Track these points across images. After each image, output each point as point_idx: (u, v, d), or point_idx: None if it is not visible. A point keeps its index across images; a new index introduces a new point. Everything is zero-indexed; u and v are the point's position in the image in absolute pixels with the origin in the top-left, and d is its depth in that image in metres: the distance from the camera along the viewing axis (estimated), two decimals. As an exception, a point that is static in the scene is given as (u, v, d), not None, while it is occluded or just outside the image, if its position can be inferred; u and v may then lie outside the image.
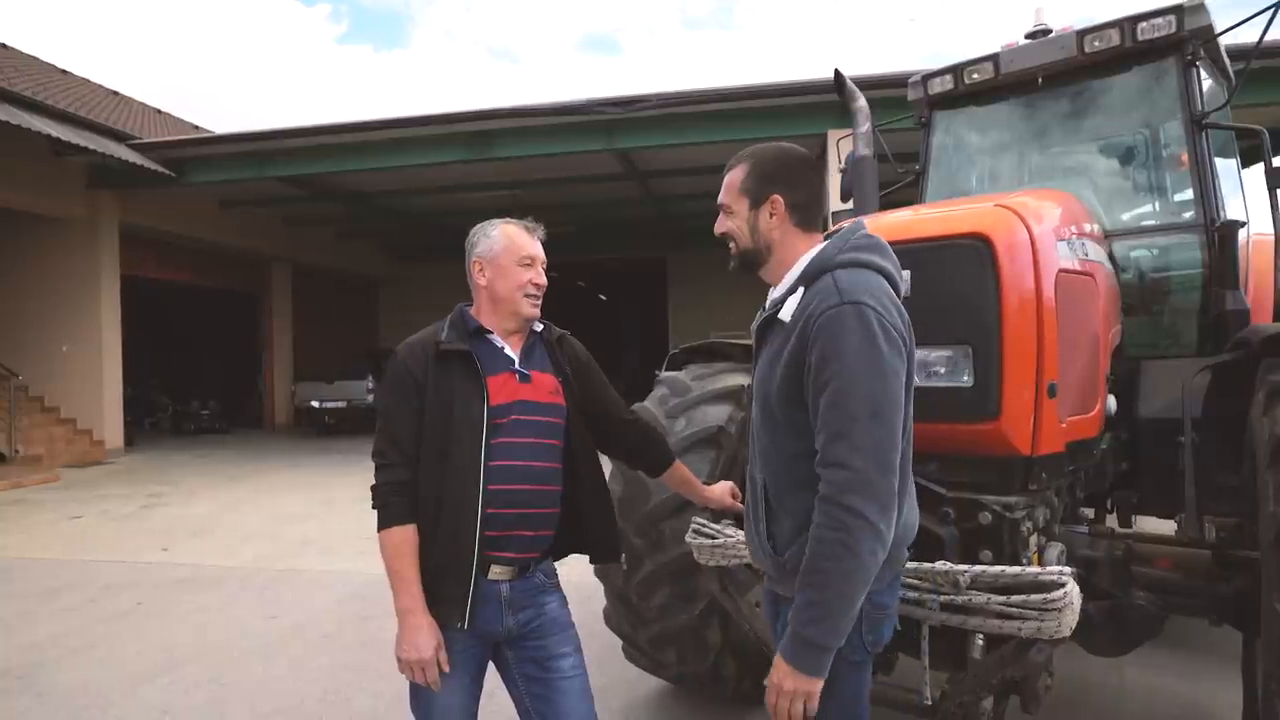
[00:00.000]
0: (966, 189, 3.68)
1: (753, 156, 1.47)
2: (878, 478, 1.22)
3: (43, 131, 9.04)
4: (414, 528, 1.59)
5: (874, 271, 1.33)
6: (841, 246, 1.36)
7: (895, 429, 1.25)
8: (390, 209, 14.90)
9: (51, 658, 3.79)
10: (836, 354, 1.24)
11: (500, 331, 1.74)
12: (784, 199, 1.41)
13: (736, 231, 1.47)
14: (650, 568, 2.65)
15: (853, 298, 1.26)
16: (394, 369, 1.67)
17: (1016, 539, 1.88)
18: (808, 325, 1.28)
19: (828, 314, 1.26)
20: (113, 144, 10.21)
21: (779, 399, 1.35)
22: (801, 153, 1.47)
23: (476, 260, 1.75)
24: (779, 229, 1.42)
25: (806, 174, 1.44)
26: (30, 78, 11.58)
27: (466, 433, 1.61)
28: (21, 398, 10.88)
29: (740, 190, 1.45)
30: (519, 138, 10.21)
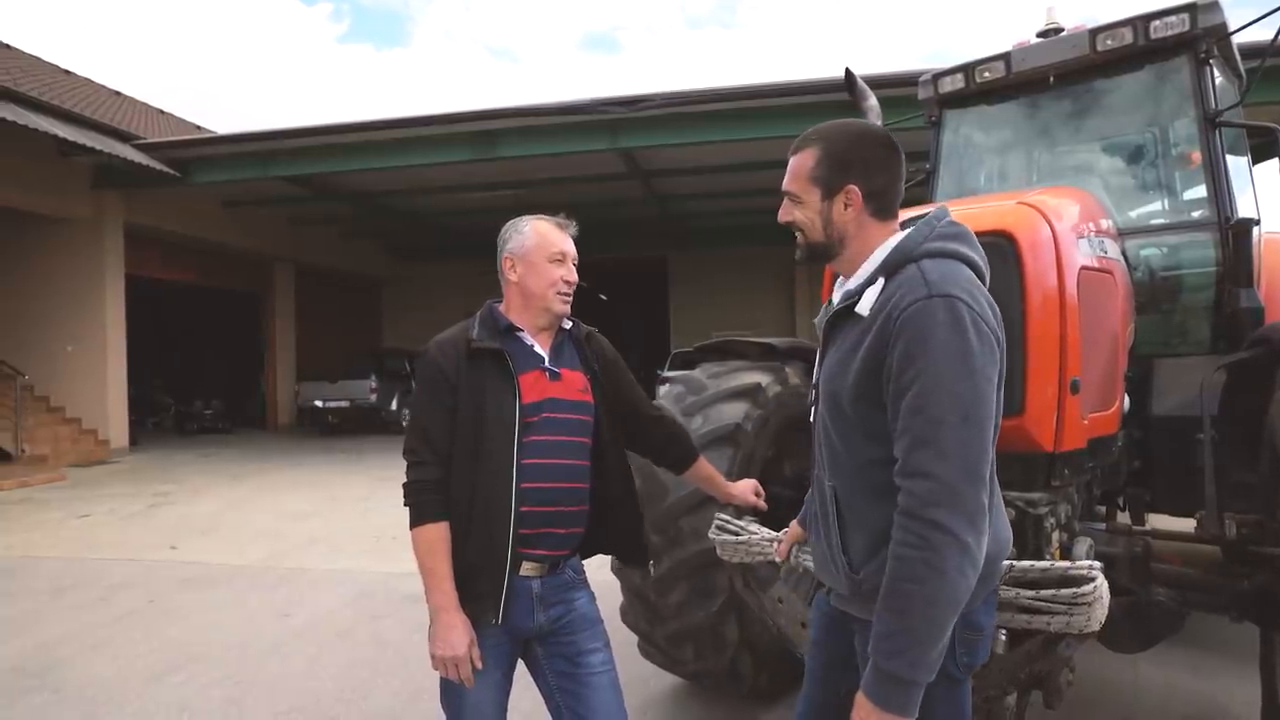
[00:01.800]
0: (976, 188, 3.70)
1: (825, 140, 1.32)
2: (966, 488, 1.11)
3: (48, 131, 9.05)
4: (446, 525, 1.60)
5: (962, 263, 1.24)
6: (927, 234, 1.26)
7: (986, 434, 1.15)
8: (394, 209, 14.92)
9: (65, 655, 3.80)
10: (923, 351, 1.13)
11: (530, 329, 1.75)
12: (861, 189, 1.28)
13: (805, 223, 1.35)
14: (668, 564, 2.66)
15: (942, 290, 1.15)
16: (426, 367, 1.68)
17: (1040, 535, 1.89)
18: (889, 320, 1.18)
19: (914, 307, 1.15)
20: (117, 144, 10.22)
21: (851, 398, 1.25)
22: (879, 133, 1.34)
23: (508, 256, 1.76)
24: (855, 221, 1.30)
25: (885, 157, 1.31)
26: (35, 78, 11.59)
27: (499, 431, 1.62)
28: (27, 397, 10.89)
29: (810, 179, 1.32)
30: (523, 137, 10.23)
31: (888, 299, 1.22)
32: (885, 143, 1.34)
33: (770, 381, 2.85)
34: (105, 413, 11.49)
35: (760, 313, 17.15)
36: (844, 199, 1.31)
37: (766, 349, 3.01)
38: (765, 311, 17.56)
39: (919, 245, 1.26)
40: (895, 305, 1.19)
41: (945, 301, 1.16)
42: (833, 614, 1.43)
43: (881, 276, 1.26)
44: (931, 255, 1.24)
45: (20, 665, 3.68)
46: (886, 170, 1.32)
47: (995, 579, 1.33)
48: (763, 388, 2.82)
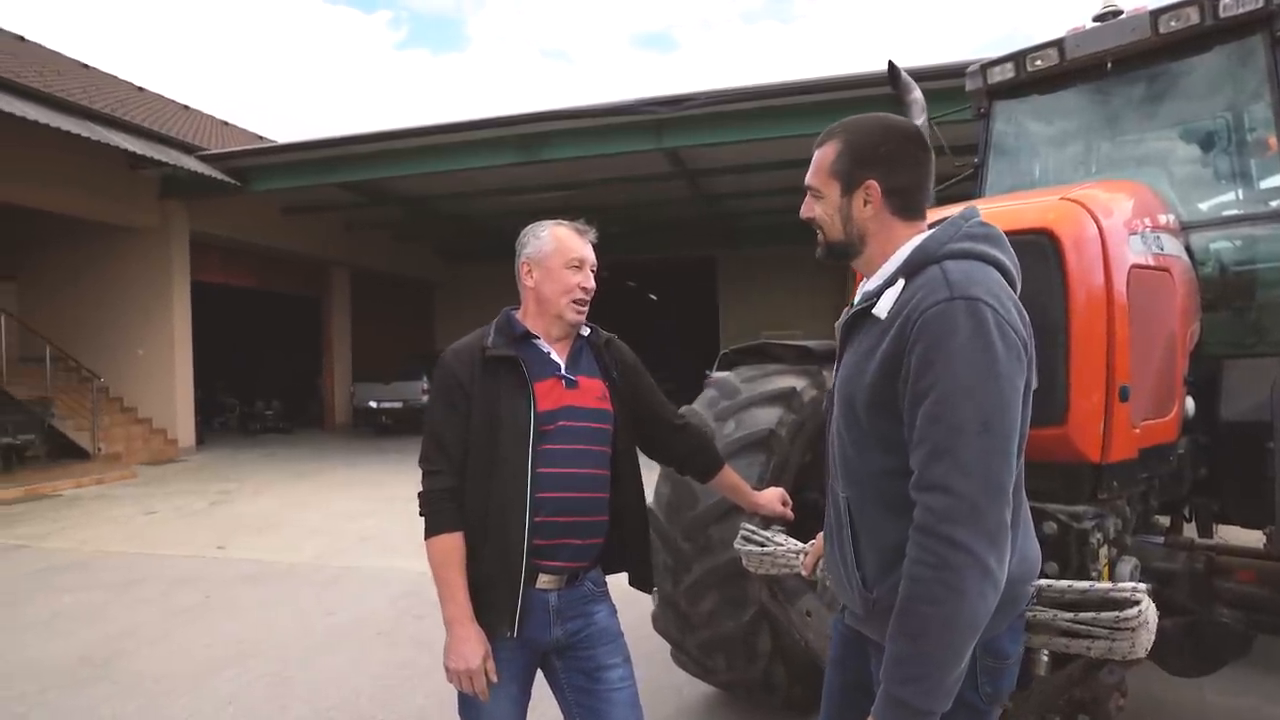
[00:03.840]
0: (1029, 182, 3.53)
1: (846, 132, 1.27)
2: (986, 504, 1.04)
3: (120, 146, 9.50)
4: (461, 536, 1.59)
5: (990, 265, 1.16)
6: (952, 234, 1.19)
7: (1009, 446, 1.07)
8: (445, 212, 15.20)
9: (127, 648, 3.97)
10: (943, 356, 1.06)
11: (546, 336, 1.73)
12: (881, 184, 1.22)
13: (825, 220, 1.29)
14: (698, 573, 2.62)
15: (965, 292, 1.09)
16: (440, 375, 1.68)
17: (1085, 551, 1.78)
18: (908, 322, 1.11)
19: (934, 310, 1.09)
20: (183, 156, 10.68)
21: (866, 404, 1.18)
22: (905, 127, 1.27)
23: (525, 261, 1.75)
24: (875, 218, 1.24)
25: (910, 153, 1.24)
26: (109, 95, 12.21)
27: (514, 440, 1.60)
28: (103, 399, 11.48)
29: (830, 173, 1.27)
30: (570, 139, 10.28)
31: (907, 300, 1.15)
32: (911, 137, 1.27)
33: (806, 385, 2.78)
34: (174, 413, 12.02)
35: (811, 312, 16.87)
36: (863, 194, 1.25)
37: (803, 352, 2.93)
38: (817, 311, 17.27)
39: (943, 245, 1.19)
40: (915, 307, 1.12)
41: (968, 304, 1.08)
42: (850, 633, 1.37)
43: (902, 277, 1.20)
44: (955, 256, 1.17)
45: (87, 655, 3.86)
46: (911, 166, 1.25)
47: (1022, 602, 1.24)
48: (798, 392, 2.75)
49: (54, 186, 10.28)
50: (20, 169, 9.76)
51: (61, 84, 10.72)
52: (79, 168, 10.33)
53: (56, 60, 13.27)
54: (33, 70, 10.61)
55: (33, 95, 9.05)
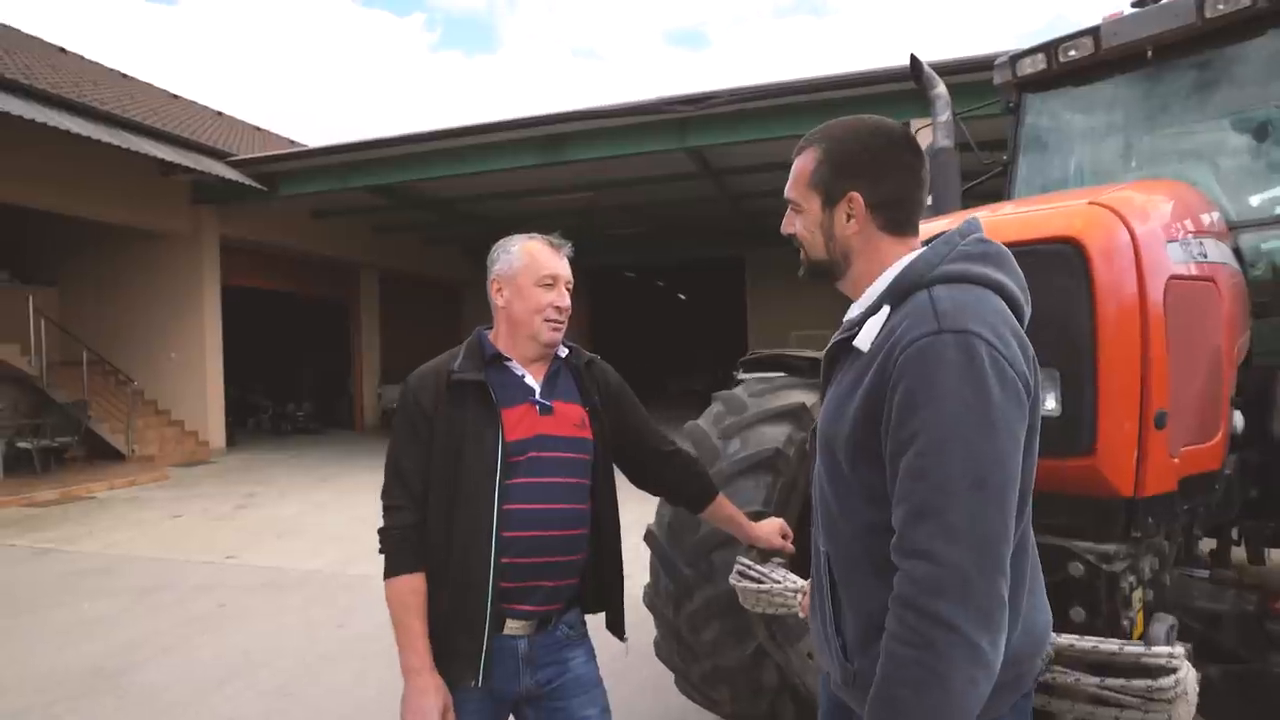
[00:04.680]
0: (1062, 180, 3.32)
1: (826, 138, 1.14)
2: (978, 575, 0.89)
3: (150, 153, 9.65)
4: (422, 577, 1.47)
5: (988, 289, 1.02)
6: (944, 254, 1.05)
7: (1006, 505, 0.92)
8: (471, 215, 15.22)
9: (139, 659, 3.96)
10: (928, 399, 0.92)
11: (520, 358, 1.61)
12: (865, 196, 1.09)
13: (805, 237, 1.16)
14: (700, 601, 2.48)
15: (956, 324, 0.95)
16: (403, 401, 1.57)
17: (1116, 595, 1.60)
18: (890, 358, 0.97)
19: (919, 344, 0.95)
20: (212, 162, 10.82)
21: (848, 452, 1.04)
22: (891, 130, 1.12)
23: (494, 279, 1.63)
24: (860, 234, 1.10)
25: (897, 160, 1.10)
26: (142, 103, 12.45)
27: (478, 473, 1.48)
28: (137, 401, 11.70)
29: (809, 184, 1.13)
30: (592, 139, 10.18)
31: (891, 331, 1.01)
32: (898, 141, 1.11)
33: (817, 401, 2.61)
34: (205, 415, 12.21)
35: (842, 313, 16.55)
36: (846, 208, 1.11)
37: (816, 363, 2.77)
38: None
39: (933, 267, 1.04)
40: (898, 340, 0.98)
41: (958, 338, 0.94)
42: (834, 697, 1.22)
43: (887, 304, 1.05)
44: (948, 280, 1.02)
45: (99, 666, 3.85)
46: (899, 174, 1.10)
47: (1027, 681, 1.08)
48: (808, 408, 2.59)
49: (89, 194, 10.50)
50: (57, 178, 9.98)
51: (97, 94, 10.94)
52: (113, 175, 10.53)
53: (94, 71, 13.57)
54: (69, 81, 10.86)
55: (67, 105, 9.23)
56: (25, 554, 6.31)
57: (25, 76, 9.41)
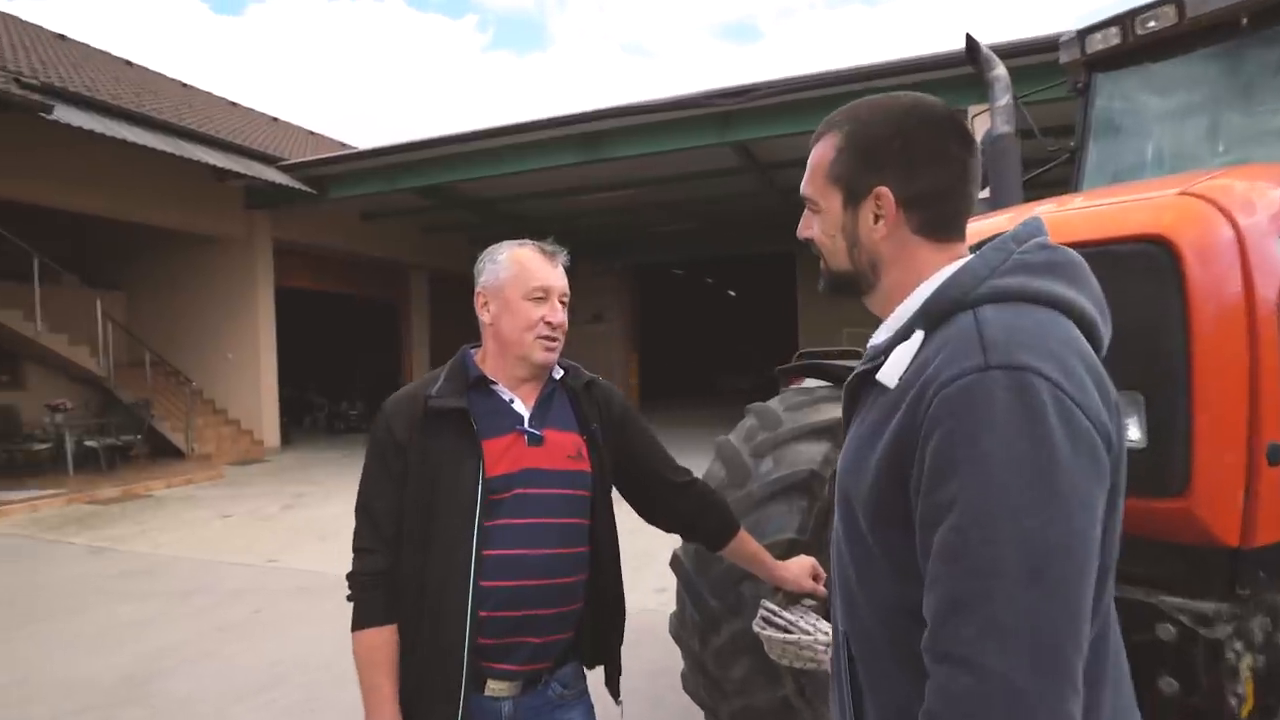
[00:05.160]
0: (1138, 168, 2.98)
1: (849, 121, 0.91)
2: (1036, 693, 0.66)
3: (203, 160, 9.88)
4: (392, 631, 1.31)
5: (1054, 309, 0.78)
6: (997, 264, 0.81)
7: (1075, 600, 0.69)
8: (513, 214, 15.22)
9: (169, 666, 3.95)
10: (970, 456, 0.70)
11: (508, 380, 1.43)
12: (895, 192, 0.87)
13: (824, 243, 0.94)
14: (728, 635, 2.27)
15: (1009, 357, 0.72)
16: (375, 431, 1.40)
17: (1219, 666, 1.33)
18: (922, 399, 0.75)
19: (960, 384, 0.72)
20: (262, 167, 11.04)
21: (869, 511, 0.82)
22: (930, 109, 0.89)
23: (480, 292, 1.46)
24: (890, 240, 0.88)
25: (938, 146, 0.87)
26: (200, 111, 12.81)
27: (454, 513, 1.31)
28: (196, 401, 12.05)
29: (829, 177, 0.91)
30: (631, 136, 9.99)
31: (924, 364, 0.78)
32: (940, 124, 0.88)
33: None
34: (259, 415, 12.50)
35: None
36: (872, 207, 0.89)
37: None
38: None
39: (981, 281, 0.81)
40: (932, 378, 0.75)
41: (1012, 376, 0.71)
42: None
43: (920, 328, 0.82)
44: (1001, 297, 0.79)
45: (131, 674, 3.86)
46: (940, 164, 0.87)
47: None
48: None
49: (149, 201, 10.82)
50: (119, 185, 10.32)
51: (156, 103, 11.27)
52: (171, 182, 10.83)
53: (155, 81, 14.04)
54: (130, 92, 11.21)
55: (125, 115, 9.51)
56: (81, 552, 6.48)
57: (88, 89, 9.73)
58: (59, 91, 8.78)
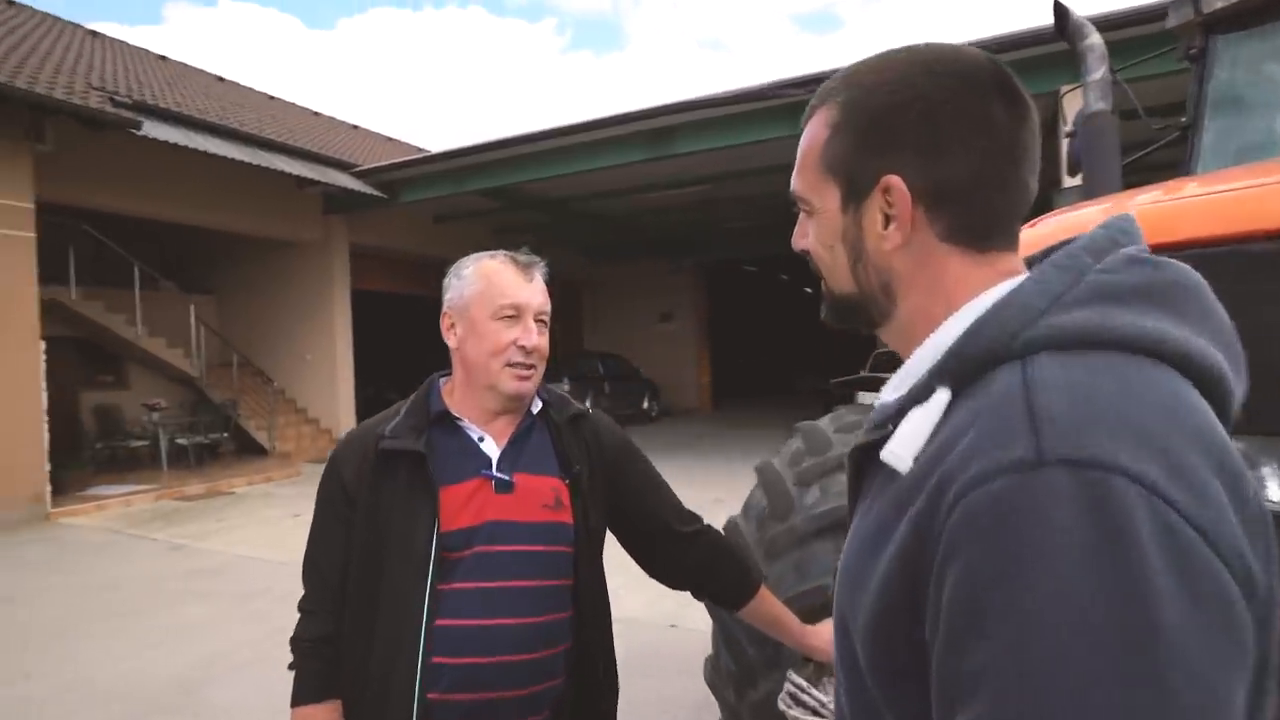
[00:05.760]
0: (1266, 147, 2.53)
1: (847, 86, 0.65)
2: None
3: (278, 168, 10.23)
4: (331, 709, 1.13)
5: (1156, 362, 0.51)
6: (1061, 288, 0.54)
7: None
8: (584, 213, 15.19)
9: (219, 673, 3.98)
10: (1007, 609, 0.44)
11: (478, 414, 1.23)
12: (911, 181, 0.60)
13: (819, 255, 0.68)
14: (766, 690, 2.01)
15: (1077, 447, 0.45)
16: (325, 473, 1.23)
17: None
18: (941, 499, 0.49)
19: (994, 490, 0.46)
20: (337, 173, 11.35)
21: (870, 653, 0.57)
22: (963, 64, 0.61)
23: (445, 313, 1.26)
24: (907, 249, 0.62)
25: (973, 114, 0.59)
26: (283, 122, 13.33)
27: (403, 574, 1.12)
28: (279, 400, 12.54)
29: (822, 165, 0.66)
30: (699, 131, 9.73)
31: (947, 445, 0.52)
32: (975, 81, 0.60)
33: None
34: (336, 413, 12.90)
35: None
36: (880, 204, 0.62)
37: None
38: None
39: (1036, 315, 0.53)
40: (954, 470, 0.49)
41: (1081, 480, 0.44)
42: None
43: (944, 386, 0.56)
44: (1066, 343, 0.51)
45: (182, 678, 3.90)
46: (974, 140, 0.59)
47: None
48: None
49: (236, 209, 11.31)
50: (210, 196, 10.80)
51: (240, 116, 11.78)
52: (255, 191, 11.28)
53: (242, 95, 14.71)
54: (217, 107, 11.75)
55: (210, 128, 9.93)
56: (161, 549, 6.75)
57: (177, 105, 10.23)
58: (150, 108, 9.24)
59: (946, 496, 0.49)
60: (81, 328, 10.90)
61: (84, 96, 8.41)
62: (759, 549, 2.15)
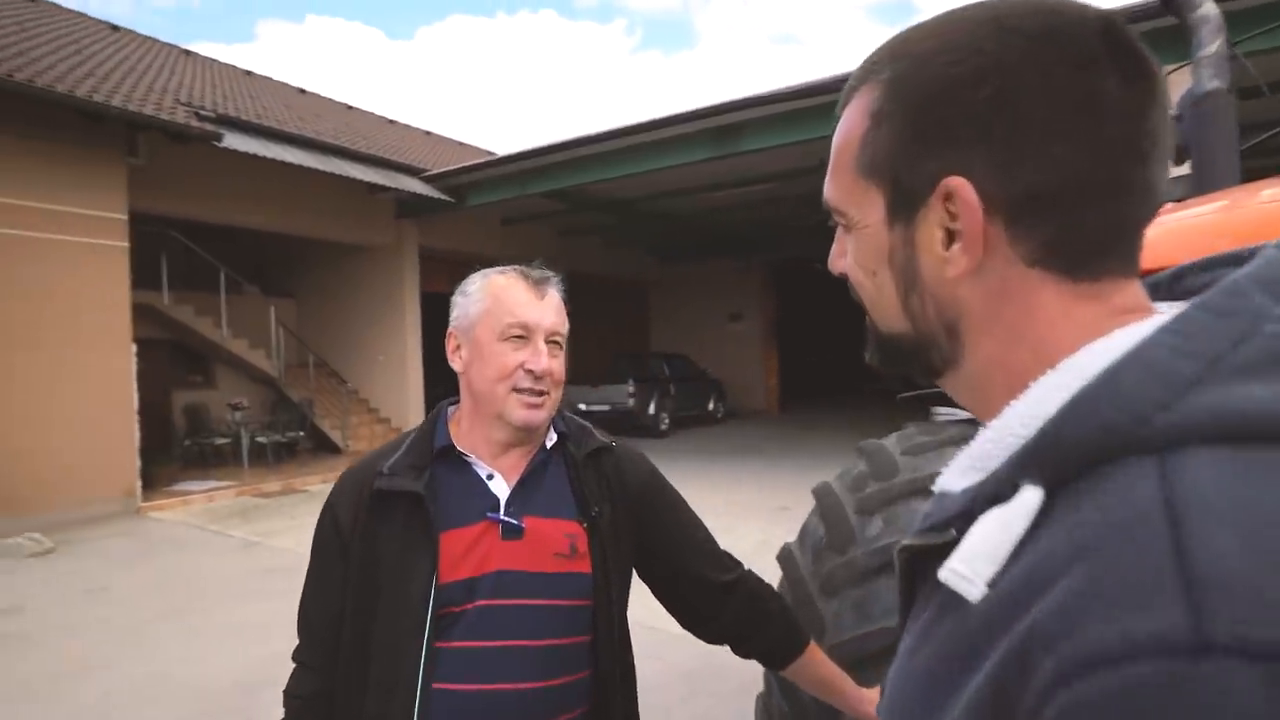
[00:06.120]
0: None
1: (894, 59, 0.47)
2: None
3: (350, 175, 10.52)
4: None
5: None
6: (1224, 345, 0.36)
7: None
8: (650, 213, 15.09)
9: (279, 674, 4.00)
10: None
11: (486, 448, 1.10)
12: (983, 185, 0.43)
13: (861, 283, 0.53)
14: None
15: (1266, 628, 0.28)
16: (322, 512, 1.13)
17: None
18: (1026, 675, 0.32)
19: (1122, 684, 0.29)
20: (406, 179, 11.61)
21: None
22: (1047, 15, 0.43)
23: (450, 333, 1.14)
24: (981, 276, 0.45)
25: (1068, 85, 0.41)
26: (357, 130, 13.74)
27: (397, 630, 1.00)
28: (352, 400, 12.94)
29: (859, 165, 0.49)
30: (765, 127, 9.47)
31: (1037, 580, 0.34)
32: (1075, 42, 0.42)
33: None
34: (406, 413, 13.21)
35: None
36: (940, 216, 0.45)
37: None
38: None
39: (1185, 388, 0.35)
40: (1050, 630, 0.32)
41: (1272, 678, 0.26)
42: None
43: (1034, 482, 0.38)
44: (1228, 433, 0.33)
45: (243, 679, 3.97)
46: (1079, 124, 0.41)
47: None
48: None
49: (313, 215, 11.71)
50: (288, 202, 11.22)
51: (317, 125, 12.19)
52: (331, 197, 11.66)
53: (320, 105, 15.25)
54: (295, 117, 12.20)
55: (287, 138, 10.31)
56: (236, 545, 7.00)
57: (258, 117, 10.66)
58: (231, 120, 9.65)
59: (1040, 670, 0.32)
60: (173, 330, 11.50)
61: (171, 111, 8.84)
62: (814, 582, 1.97)
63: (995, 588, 0.38)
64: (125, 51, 11.56)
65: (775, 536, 4.17)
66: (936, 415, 2.50)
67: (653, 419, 14.68)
